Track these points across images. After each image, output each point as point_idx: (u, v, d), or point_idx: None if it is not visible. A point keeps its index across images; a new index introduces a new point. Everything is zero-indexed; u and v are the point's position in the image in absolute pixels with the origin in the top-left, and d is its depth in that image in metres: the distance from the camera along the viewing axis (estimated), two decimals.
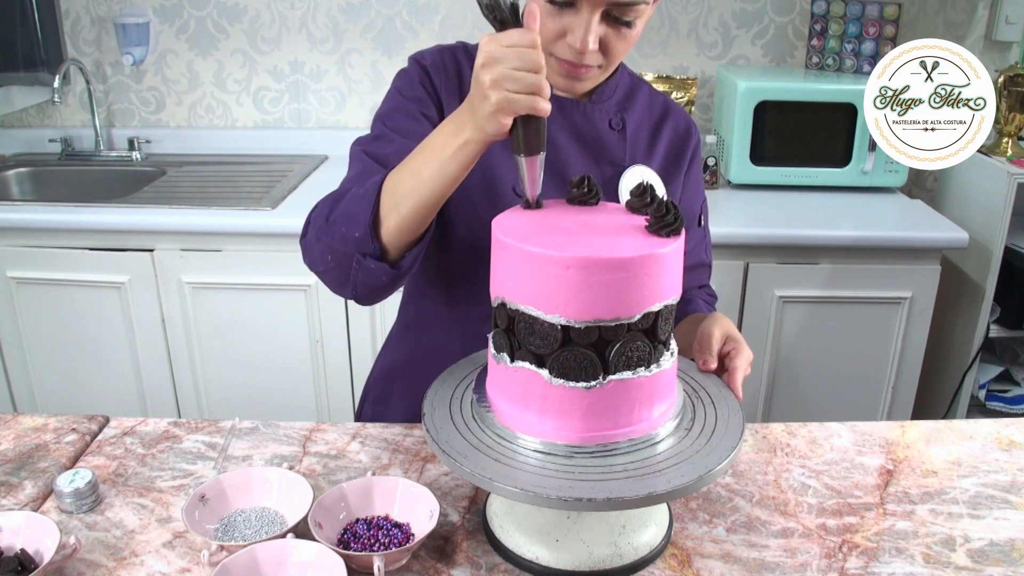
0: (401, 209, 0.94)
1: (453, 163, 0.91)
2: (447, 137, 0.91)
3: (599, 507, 0.77)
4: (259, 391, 2.21)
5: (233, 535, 0.91)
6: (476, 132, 0.89)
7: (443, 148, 0.91)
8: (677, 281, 0.85)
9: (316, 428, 1.15)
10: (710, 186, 2.30)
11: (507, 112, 0.85)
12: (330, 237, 0.98)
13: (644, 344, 0.83)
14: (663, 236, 0.82)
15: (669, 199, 0.85)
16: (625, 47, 1.03)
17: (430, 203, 0.94)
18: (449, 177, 0.92)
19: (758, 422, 1.42)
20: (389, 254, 0.97)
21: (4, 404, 2.28)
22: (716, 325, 1.04)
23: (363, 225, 0.95)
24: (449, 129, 0.92)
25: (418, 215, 0.95)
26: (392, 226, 0.95)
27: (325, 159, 2.57)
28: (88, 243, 2.09)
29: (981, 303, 2.16)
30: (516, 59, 0.83)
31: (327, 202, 1.01)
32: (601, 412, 0.83)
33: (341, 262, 0.98)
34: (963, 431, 1.17)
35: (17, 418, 1.17)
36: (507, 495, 0.79)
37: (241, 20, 2.53)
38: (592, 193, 0.92)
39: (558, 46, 1.01)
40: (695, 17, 2.49)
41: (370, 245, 0.95)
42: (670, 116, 1.20)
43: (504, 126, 0.86)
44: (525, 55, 0.84)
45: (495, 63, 0.84)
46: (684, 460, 0.83)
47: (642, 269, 0.79)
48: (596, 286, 0.79)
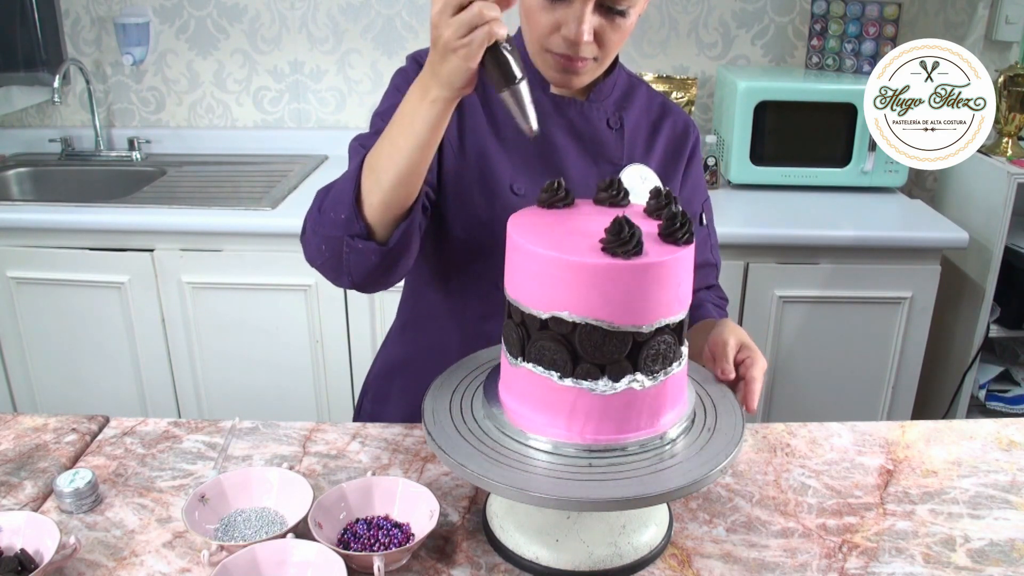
0: (382, 183, 0.94)
1: (424, 125, 0.90)
2: (415, 102, 0.91)
3: (599, 507, 0.78)
4: (259, 391, 2.21)
5: (233, 535, 0.91)
6: (443, 89, 0.88)
7: (413, 113, 0.91)
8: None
9: (316, 428, 1.15)
10: (710, 186, 2.29)
11: (471, 56, 0.84)
12: (322, 226, 0.98)
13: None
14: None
15: (681, 209, 0.84)
16: (620, 38, 1.03)
17: (409, 172, 0.93)
18: (422, 140, 0.91)
19: (758, 422, 1.42)
20: (376, 233, 0.97)
21: (4, 404, 2.28)
22: (730, 333, 1.03)
23: (348, 205, 0.95)
24: (416, 93, 0.91)
25: (400, 186, 0.94)
26: (376, 202, 0.95)
27: (325, 159, 2.57)
28: (88, 243, 2.09)
29: (981, 303, 2.16)
30: (452, 6, 0.83)
31: (320, 194, 1.02)
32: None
33: (334, 249, 0.98)
34: (963, 431, 1.17)
35: (17, 418, 1.17)
36: (507, 495, 0.79)
37: (241, 20, 2.53)
38: (622, 195, 0.93)
39: (553, 40, 1.01)
40: (695, 17, 2.49)
41: (356, 225, 0.95)
42: (668, 115, 1.20)
43: (471, 72, 0.86)
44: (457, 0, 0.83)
45: (441, 21, 0.84)
46: (684, 460, 0.83)
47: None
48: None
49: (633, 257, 0.78)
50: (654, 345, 0.82)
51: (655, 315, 0.81)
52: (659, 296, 0.80)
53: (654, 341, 0.82)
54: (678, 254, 0.81)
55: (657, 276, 0.79)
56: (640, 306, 0.80)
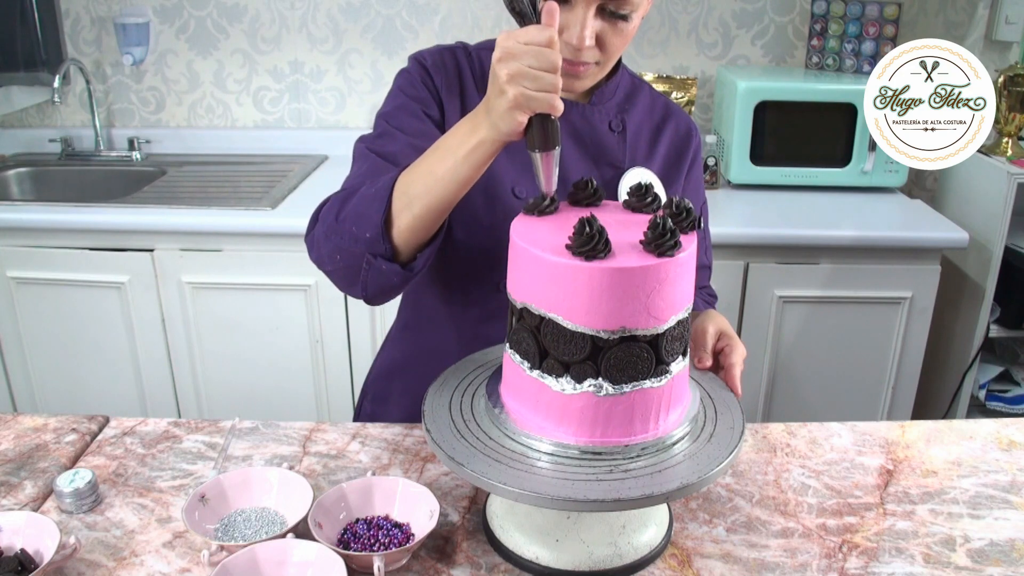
0: (414, 209, 0.93)
1: (467, 163, 0.91)
2: (462, 137, 0.91)
3: (598, 507, 0.77)
4: (259, 391, 2.21)
5: (233, 535, 0.91)
6: (491, 131, 0.88)
7: (458, 148, 0.91)
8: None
9: (316, 428, 1.15)
10: (710, 186, 2.30)
11: (524, 109, 0.85)
12: (339, 237, 0.97)
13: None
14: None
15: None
16: (622, 42, 1.02)
17: (443, 203, 0.93)
18: (463, 177, 0.91)
19: (758, 422, 1.42)
20: (400, 255, 0.97)
21: (4, 404, 2.28)
22: (710, 322, 1.05)
23: (375, 225, 0.94)
24: (465, 129, 0.91)
25: (431, 215, 0.94)
26: (404, 226, 0.94)
27: (325, 159, 2.57)
28: (88, 243, 2.09)
29: (981, 303, 2.16)
30: (533, 57, 0.83)
31: (336, 200, 1.00)
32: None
33: (351, 262, 0.97)
34: (963, 431, 1.17)
35: (17, 418, 1.17)
36: (507, 495, 0.79)
37: (241, 20, 2.53)
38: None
39: None
40: (695, 17, 2.49)
41: (381, 246, 0.94)
42: (671, 118, 1.20)
43: (520, 124, 0.86)
44: (542, 53, 0.83)
45: (512, 59, 0.84)
46: (684, 460, 0.83)
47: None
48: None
49: (594, 259, 0.78)
50: (618, 353, 0.80)
51: (616, 322, 0.79)
52: (623, 303, 0.79)
53: (618, 349, 0.80)
54: (650, 262, 0.78)
55: (618, 282, 0.78)
56: (599, 309, 0.79)
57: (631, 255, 0.79)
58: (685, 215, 0.85)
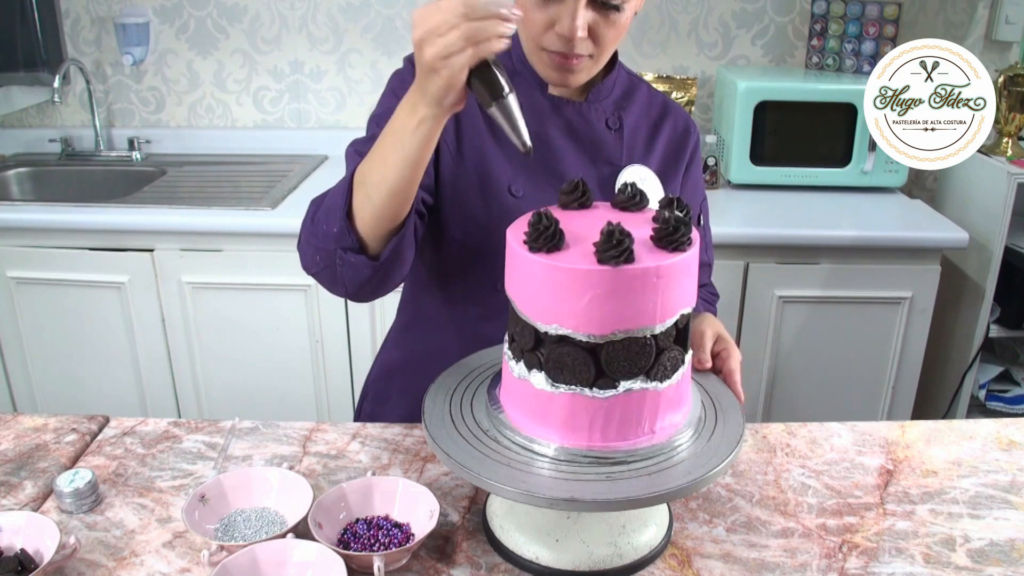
0: (373, 198, 0.93)
1: (414, 142, 0.89)
2: (404, 118, 0.89)
3: (599, 507, 0.77)
4: (259, 391, 2.21)
5: (233, 535, 0.91)
6: (428, 104, 0.86)
7: (402, 129, 0.89)
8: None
9: (316, 428, 1.15)
10: (710, 186, 2.30)
11: (456, 80, 0.82)
12: (316, 238, 0.97)
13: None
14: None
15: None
16: (615, 34, 1.02)
17: (400, 188, 0.92)
18: (413, 158, 0.90)
19: (758, 422, 1.42)
20: (369, 247, 0.96)
21: (4, 404, 2.28)
22: (707, 325, 1.05)
23: (338, 220, 0.94)
24: (405, 109, 0.89)
25: (390, 202, 0.93)
26: (367, 216, 0.94)
27: (325, 159, 2.57)
28: (88, 243, 2.09)
29: (981, 303, 2.16)
30: (443, 21, 0.80)
31: (313, 204, 1.01)
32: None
33: (328, 261, 0.97)
34: (963, 431, 1.17)
35: (17, 418, 1.17)
36: (507, 495, 0.79)
37: (241, 20, 2.53)
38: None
39: (547, 38, 1.01)
40: (695, 17, 2.49)
41: (348, 238, 0.95)
42: (669, 115, 1.19)
43: (450, 86, 0.83)
44: (450, 7, 0.80)
45: (418, 25, 0.81)
46: (684, 460, 0.83)
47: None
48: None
49: (550, 253, 0.79)
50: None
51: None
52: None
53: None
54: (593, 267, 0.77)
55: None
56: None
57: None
58: (683, 214, 0.85)
